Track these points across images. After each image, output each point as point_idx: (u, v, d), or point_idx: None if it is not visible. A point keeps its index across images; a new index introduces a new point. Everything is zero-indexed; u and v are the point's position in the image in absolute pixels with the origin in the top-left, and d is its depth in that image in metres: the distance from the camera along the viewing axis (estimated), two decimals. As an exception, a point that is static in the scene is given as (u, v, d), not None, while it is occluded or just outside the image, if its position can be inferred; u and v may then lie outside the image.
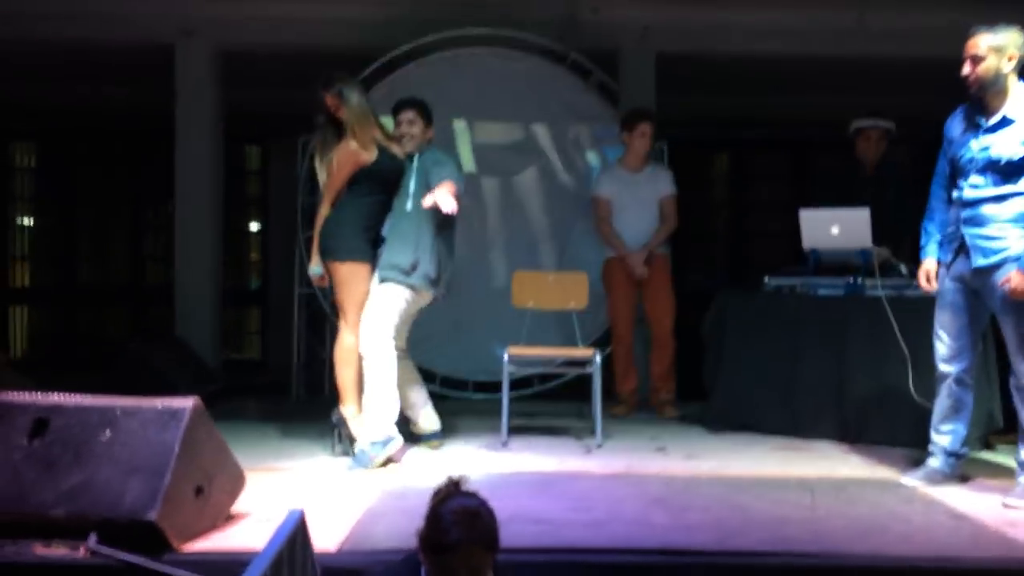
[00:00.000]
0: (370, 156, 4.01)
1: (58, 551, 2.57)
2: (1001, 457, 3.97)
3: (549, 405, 5.61)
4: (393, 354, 3.96)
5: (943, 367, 3.46)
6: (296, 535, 1.95)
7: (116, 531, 2.57)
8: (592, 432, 4.47)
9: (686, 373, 5.38)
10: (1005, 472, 3.62)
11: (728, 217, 9.24)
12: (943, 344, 3.45)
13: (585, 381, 4.73)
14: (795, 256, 5.26)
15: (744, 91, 7.46)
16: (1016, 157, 3.22)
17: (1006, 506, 3.19)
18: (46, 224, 9.15)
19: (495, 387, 5.76)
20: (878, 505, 3.25)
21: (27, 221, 9.21)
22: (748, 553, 2.65)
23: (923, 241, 3.56)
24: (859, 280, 4.34)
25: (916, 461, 3.69)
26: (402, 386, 4.14)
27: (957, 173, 3.38)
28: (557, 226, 6.05)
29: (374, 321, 3.94)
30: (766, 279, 4.68)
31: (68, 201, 9.00)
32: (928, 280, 3.52)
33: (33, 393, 2.84)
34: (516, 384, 4.64)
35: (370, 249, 4.06)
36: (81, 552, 2.56)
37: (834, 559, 2.64)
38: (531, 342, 4.64)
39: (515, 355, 4.41)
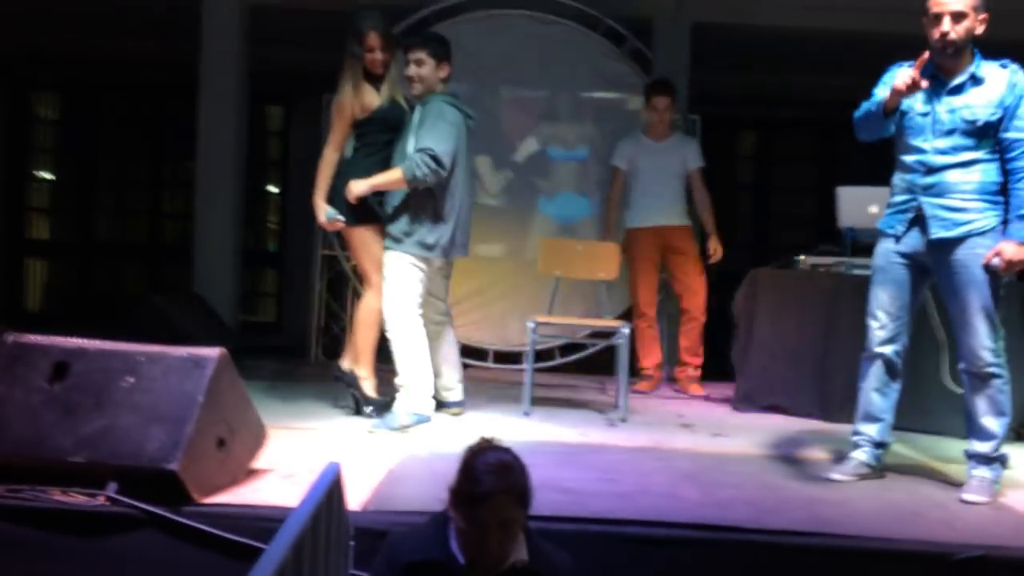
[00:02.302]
0: (372, 101, 3.90)
1: (76, 498, 2.51)
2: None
3: (570, 378, 5.53)
4: (418, 323, 3.86)
5: (878, 349, 3.18)
6: (333, 490, 1.87)
7: (136, 480, 2.51)
8: (615, 406, 4.39)
9: (712, 352, 5.29)
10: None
11: (754, 198, 9.10)
12: (879, 324, 3.17)
13: (607, 355, 4.65)
14: (819, 239, 5.17)
15: (778, 68, 7.30)
16: (993, 118, 2.98)
17: (963, 501, 2.99)
18: (66, 177, 9.09)
19: (514, 358, 5.70)
20: (913, 491, 3.16)
21: (46, 174, 9.15)
22: (786, 532, 2.56)
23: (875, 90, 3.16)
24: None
25: (958, 448, 3.58)
26: (437, 352, 4.07)
27: (907, 133, 3.10)
28: (588, 195, 5.95)
29: (390, 293, 3.84)
30: (801, 257, 4.56)
31: (89, 154, 8.93)
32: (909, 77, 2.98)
33: (54, 336, 2.77)
34: (538, 356, 4.56)
35: (373, 210, 3.96)
36: (100, 500, 2.50)
37: (873, 543, 2.55)
38: (556, 314, 4.55)
39: (542, 324, 4.32)
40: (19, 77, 8.64)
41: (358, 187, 3.83)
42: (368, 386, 4.00)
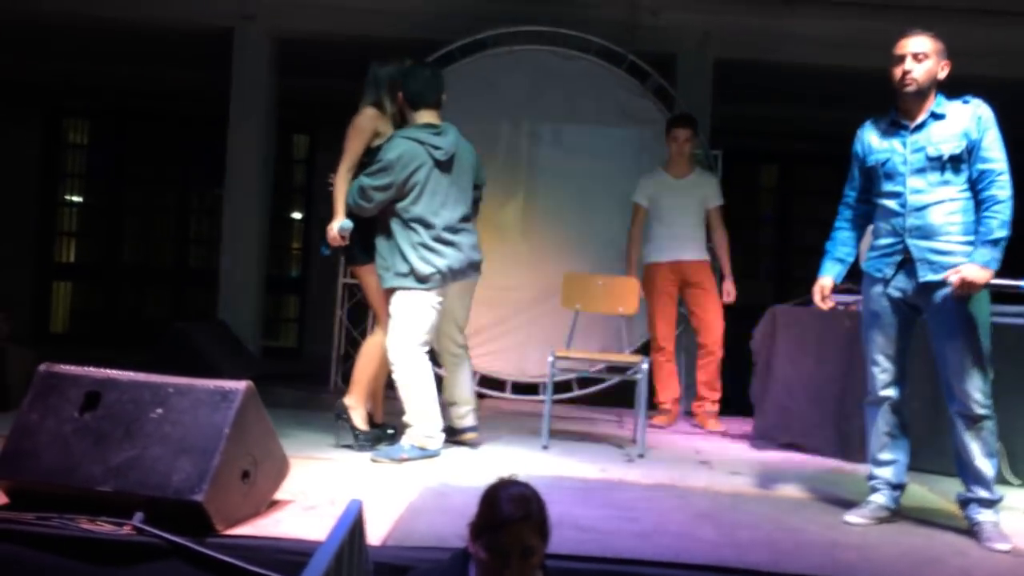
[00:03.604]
0: (386, 130, 4.02)
1: (103, 527, 2.55)
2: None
3: (587, 411, 5.54)
4: (421, 360, 3.91)
5: (883, 392, 3.22)
6: (355, 526, 1.91)
7: (162, 510, 2.56)
8: (633, 440, 4.39)
9: (729, 388, 5.29)
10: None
11: (774, 231, 9.11)
12: (880, 368, 3.21)
13: (624, 389, 4.67)
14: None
15: (800, 103, 7.35)
16: (957, 150, 3.06)
17: (993, 550, 2.94)
18: (94, 202, 9.25)
19: (532, 389, 5.72)
20: (933, 536, 3.14)
21: (76, 198, 9.32)
22: (803, 576, 2.57)
23: (823, 259, 3.37)
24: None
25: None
26: (450, 382, 4.12)
27: (882, 180, 3.18)
28: (606, 228, 5.99)
29: (392, 330, 3.91)
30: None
31: (117, 180, 9.09)
32: (822, 299, 3.32)
33: (87, 366, 2.83)
34: (556, 388, 4.59)
35: None
36: (126, 529, 2.55)
37: (893, 588, 2.55)
38: (574, 347, 4.58)
39: (562, 357, 4.35)
40: (52, 105, 8.83)
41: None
42: (357, 416, 4.04)
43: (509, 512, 1.95)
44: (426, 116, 3.99)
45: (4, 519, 2.59)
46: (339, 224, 3.96)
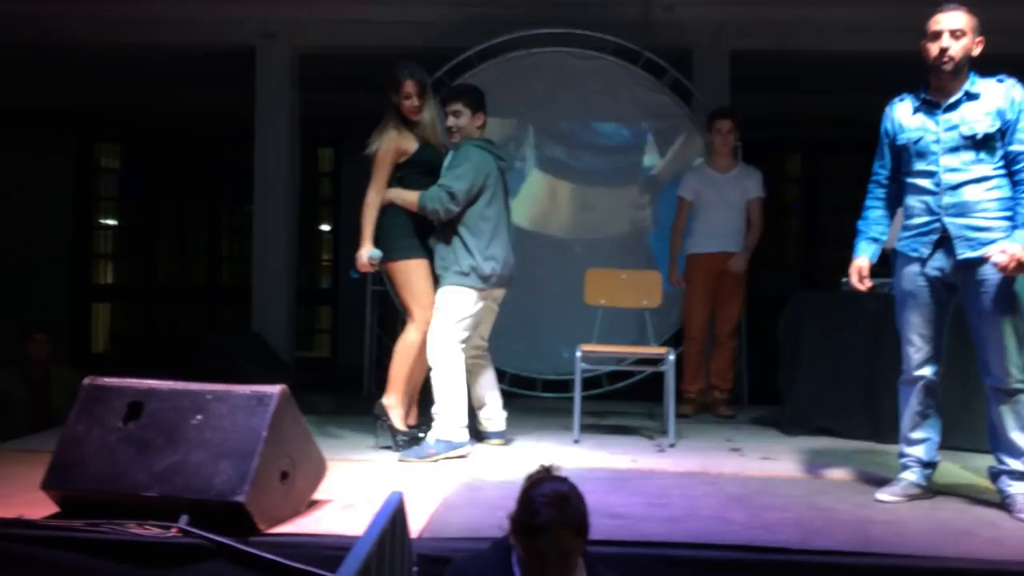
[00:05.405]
0: (409, 145, 4.08)
1: (151, 530, 2.66)
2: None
3: (618, 405, 5.58)
4: (459, 356, 3.99)
5: (917, 372, 3.22)
6: (396, 517, 1.98)
7: (205, 512, 2.65)
8: (664, 431, 4.44)
9: (759, 375, 5.31)
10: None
11: (801, 219, 9.08)
12: (915, 348, 3.20)
13: (654, 382, 4.70)
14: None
15: (819, 90, 7.33)
16: (992, 129, 3.03)
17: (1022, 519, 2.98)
18: (128, 224, 9.47)
19: (564, 386, 5.77)
20: (964, 510, 3.16)
21: (110, 221, 9.54)
22: (833, 552, 2.60)
23: (856, 239, 3.35)
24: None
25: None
26: (476, 384, 4.19)
27: (914, 159, 3.15)
28: (630, 225, 6.04)
29: (436, 323, 3.99)
30: (846, 279, 4.57)
31: (149, 201, 9.30)
32: (860, 280, 3.30)
33: (128, 378, 2.94)
34: (586, 384, 4.64)
35: (421, 245, 4.12)
36: (173, 532, 2.65)
37: (923, 561, 2.57)
38: (602, 341, 4.63)
39: (588, 352, 4.41)
40: (85, 131, 9.06)
41: (388, 194, 4.08)
42: (396, 416, 4.09)
43: (547, 517, 1.96)
44: (481, 119, 4.15)
45: (56, 527, 2.71)
46: (369, 253, 4.05)
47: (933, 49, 3.07)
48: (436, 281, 4.09)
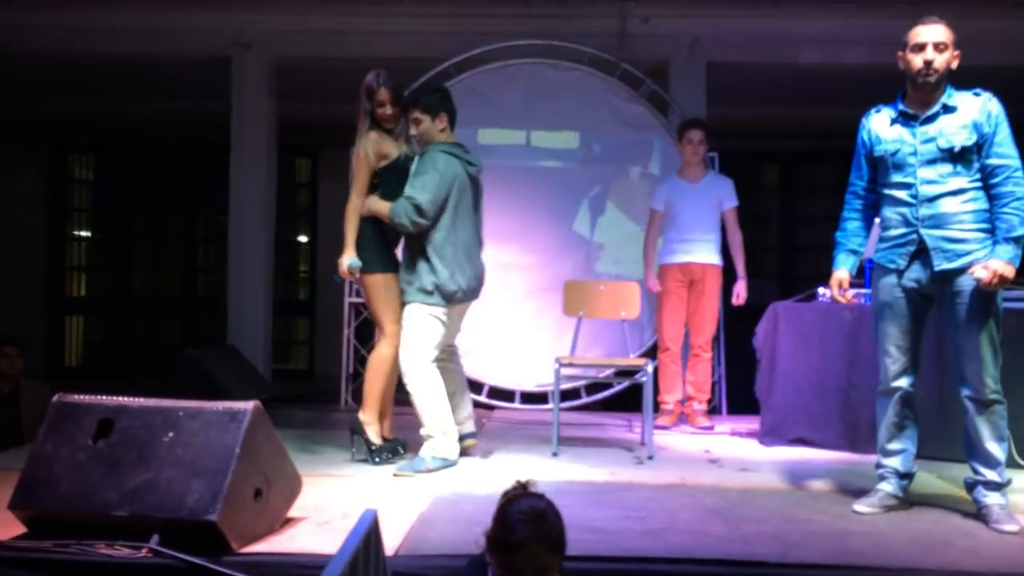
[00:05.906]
0: (390, 150, 4.05)
1: (121, 551, 2.60)
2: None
3: (597, 416, 5.57)
4: (434, 372, 3.96)
5: (894, 383, 3.22)
6: (370, 535, 1.95)
7: (177, 532, 2.61)
8: (642, 443, 4.43)
9: (737, 386, 5.32)
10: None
11: (778, 229, 9.14)
12: (892, 359, 3.21)
13: (632, 393, 4.70)
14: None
15: (794, 102, 7.39)
16: (968, 142, 3.05)
17: (1000, 531, 2.99)
18: (102, 236, 9.37)
19: (542, 399, 5.76)
20: (941, 521, 3.17)
21: (84, 233, 9.44)
22: (811, 566, 2.60)
23: (835, 251, 3.36)
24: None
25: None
26: (447, 386, 4.15)
27: (891, 171, 3.17)
28: (608, 235, 6.04)
29: (405, 343, 3.95)
30: (822, 289, 4.60)
31: (124, 213, 9.21)
32: (840, 291, 3.31)
33: (100, 395, 2.89)
34: (564, 396, 4.63)
35: (394, 258, 4.10)
36: (143, 552, 2.60)
37: (901, 573, 2.57)
38: (580, 353, 4.62)
39: (567, 364, 4.40)
40: (57, 141, 8.97)
41: (365, 204, 4.02)
42: (372, 432, 4.07)
43: (523, 534, 1.94)
44: (452, 135, 4.06)
45: (24, 548, 2.65)
46: (349, 262, 4.01)
47: (917, 61, 3.09)
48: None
